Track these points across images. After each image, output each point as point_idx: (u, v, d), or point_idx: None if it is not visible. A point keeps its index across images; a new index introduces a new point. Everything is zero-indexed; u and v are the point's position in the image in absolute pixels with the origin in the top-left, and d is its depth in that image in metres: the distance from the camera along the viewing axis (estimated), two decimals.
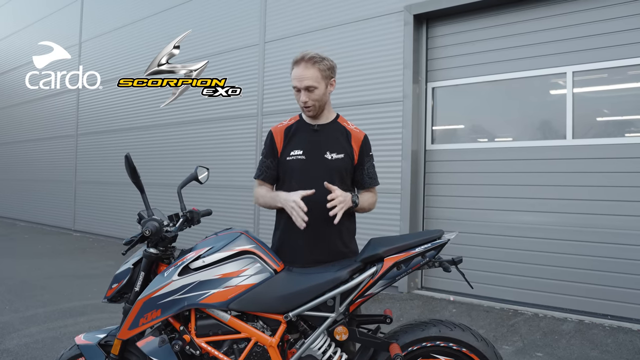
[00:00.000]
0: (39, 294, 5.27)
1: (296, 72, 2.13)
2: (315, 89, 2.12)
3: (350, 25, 6.03)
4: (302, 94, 2.13)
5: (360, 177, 2.25)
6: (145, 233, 1.93)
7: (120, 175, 9.30)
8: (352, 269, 1.87)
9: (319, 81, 2.12)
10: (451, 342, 1.86)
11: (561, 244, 4.70)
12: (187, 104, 8.14)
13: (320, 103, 2.17)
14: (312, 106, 2.15)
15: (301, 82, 2.11)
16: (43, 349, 3.65)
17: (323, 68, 2.13)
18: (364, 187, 2.26)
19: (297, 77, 2.12)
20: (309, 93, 2.12)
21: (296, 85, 2.13)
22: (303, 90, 2.12)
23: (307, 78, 2.10)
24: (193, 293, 1.89)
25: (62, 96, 11.34)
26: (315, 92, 2.12)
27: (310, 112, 2.18)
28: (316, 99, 2.14)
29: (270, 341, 1.88)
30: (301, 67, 2.11)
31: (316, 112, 2.18)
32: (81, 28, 10.78)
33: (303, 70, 2.11)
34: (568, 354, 3.61)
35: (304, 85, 2.11)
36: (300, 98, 2.15)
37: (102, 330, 2.16)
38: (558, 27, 4.79)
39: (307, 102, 2.13)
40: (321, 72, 2.12)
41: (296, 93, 2.17)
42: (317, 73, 2.11)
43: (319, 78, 2.12)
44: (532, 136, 4.97)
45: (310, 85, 2.11)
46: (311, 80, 2.10)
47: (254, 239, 2.01)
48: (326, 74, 2.15)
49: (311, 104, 2.14)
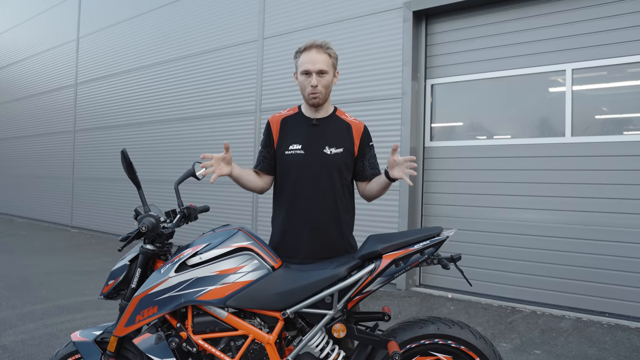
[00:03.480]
0: (36, 290, 5.26)
1: (307, 56, 2.11)
2: (326, 74, 2.12)
3: (349, 22, 6.01)
4: (314, 78, 2.09)
5: (361, 168, 2.22)
6: (142, 229, 1.92)
7: (117, 172, 9.28)
8: (350, 266, 1.86)
9: (330, 67, 2.13)
10: (449, 340, 1.85)
11: (559, 241, 4.71)
12: (185, 100, 8.12)
13: (327, 91, 2.15)
14: (320, 92, 2.12)
15: (314, 65, 2.09)
16: (39, 345, 3.63)
17: (333, 55, 2.15)
18: (366, 177, 2.22)
19: (310, 61, 2.10)
20: (319, 78, 2.10)
21: (308, 68, 2.10)
22: (315, 73, 2.09)
23: (319, 62, 2.09)
24: (190, 290, 1.87)
25: (60, 92, 11.31)
26: (325, 77, 2.12)
27: (315, 100, 2.13)
28: (325, 84, 2.12)
29: (268, 338, 1.86)
30: (313, 52, 2.10)
31: (322, 100, 2.15)
32: (79, 23, 10.73)
33: (316, 54, 2.10)
34: (566, 352, 3.62)
35: (317, 69, 2.09)
36: (310, 82, 2.10)
37: (99, 327, 2.15)
38: (557, 25, 4.78)
39: (317, 86, 2.10)
40: (331, 59, 2.14)
41: (305, 79, 2.12)
42: (328, 59, 2.12)
43: (330, 64, 2.13)
44: (531, 134, 4.96)
45: (323, 69, 2.10)
46: (323, 64, 2.10)
47: (251, 236, 1.99)
48: (334, 62, 2.16)
49: (320, 89, 2.11)
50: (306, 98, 2.16)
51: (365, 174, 2.23)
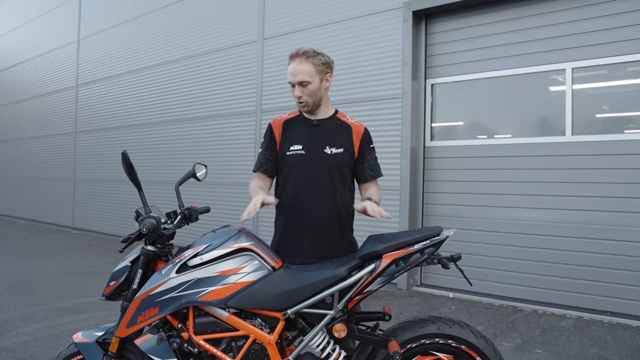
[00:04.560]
0: (38, 291, 5.27)
1: (290, 67, 2.14)
2: (309, 83, 2.11)
3: (349, 22, 6.01)
4: (296, 89, 2.13)
5: (360, 169, 2.24)
6: (143, 230, 1.92)
7: (118, 173, 9.30)
8: (350, 266, 1.86)
9: (313, 76, 2.12)
10: (450, 339, 1.85)
11: (560, 240, 4.71)
12: (185, 101, 8.13)
13: (314, 98, 2.16)
14: (306, 102, 2.15)
15: (294, 77, 2.12)
16: (42, 346, 3.64)
17: (317, 63, 2.12)
18: (365, 179, 2.24)
19: (291, 72, 2.13)
20: (302, 88, 2.12)
21: (290, 80, 2.14)
22: (297, 85, 2.12)
23: (300, 73, 2.10)
24: (191, 290, 1.88)
25: (61, 94, 11.33)
26: (308, 87, 2.12)
27: (304, 108, 2.18)
28: (309, 94, 2.13)
29: (269, 338, 1.87)
30: (295, 62, 2.12)
31: (310, 108, 2.17)
32: (79, 25, 10.75)
33: (297, 65, 2.11)
34: (567, 351, 3.62)
35: (297, 80, 2.11)
36: (294, 93, 2.14)
37: (100, 328, 2.15)
38: (557, 24, 4.78)
39: (300, 97, 2.13)
40: (315, 67, 2.12)
41: (292, 88, 2.17)
42: (310, 68, 2.11)
43: (313, 73, 2.12)
44: (531, 133, 4.96)
45: (304, 80, 2.10)
46: (304, 75, 2.10)
47: (252, 236, 2.00)
48: (320, 68, 2.14)
49: (304, 99, 2.13)
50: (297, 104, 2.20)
51: (365, 176, 2.24)
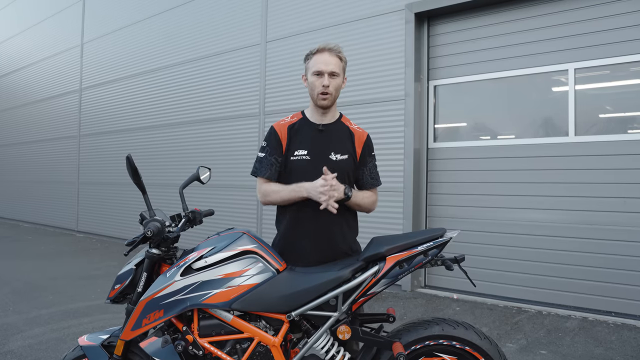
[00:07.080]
0: (43, 295, 5.29)
1: (320, 57, 2.14)
2: (337, 76, 2.15)
3: (351, 24, 6.02)
4: (326, 78, 2.12)
5: (361, 176, 2.24)
6: (147, 234, 1.93)
7: (122, 176, 9.32)
8: (354, 268, 1.87)
9: (340, 70, 2.17)
10: (454, 341, 1.85)
11: (564, 241, 4.69)
12: (189, 104, 8.15)
13: (336, 94, 2.18)
14: (331, 94, 2.14)
15: (327, 66, 2.13)
16: (47, 350, 3.66)
17: (344, 62, 2.19)
18: (365, 187, 2.25)
19: (323, 62, 2.13)
20: (331, 79, 2.14)
21: (321, 69, 2.12)
22: (327, 74, 2.12)
23: (332, 63, 2.13)
24: (195, 293, 1.89)
25: (65, 97, 11.38)
26: (336, 79, 2.15)
27: (326, 101, 2.15)
28: (335, 87, 2.16)
29: (273, 341, 1.87)
30: (325, 54, 2.14)
31: (331, 102, 2.17)
32: (83, 29, 10.80)
33: (328, 56, 2.14)
34: (572, 352, 3.61)
35: (329, 70, 2.12)
36: (322, 82, 2.12)
37: (105, 331, 2.16)
38: (560, 24, 4.78)
39: (328, 86, 2.13)
40: (342, 63, 2.18)
41: (316, 79, 2.14)
42: (339, 62, 2.16)
43: (341, 68, 2.17)
44: (534, 133, 4.95)
45: (335, 71, 2.13)
46: (336, 66, 2.14)
47: (256, 239, 2.00)
48: (344, 67, 2.20)
49: (331, 89, 2.14)
50: (315, 99, 2.17)
51: (365, 184, 2.25)
